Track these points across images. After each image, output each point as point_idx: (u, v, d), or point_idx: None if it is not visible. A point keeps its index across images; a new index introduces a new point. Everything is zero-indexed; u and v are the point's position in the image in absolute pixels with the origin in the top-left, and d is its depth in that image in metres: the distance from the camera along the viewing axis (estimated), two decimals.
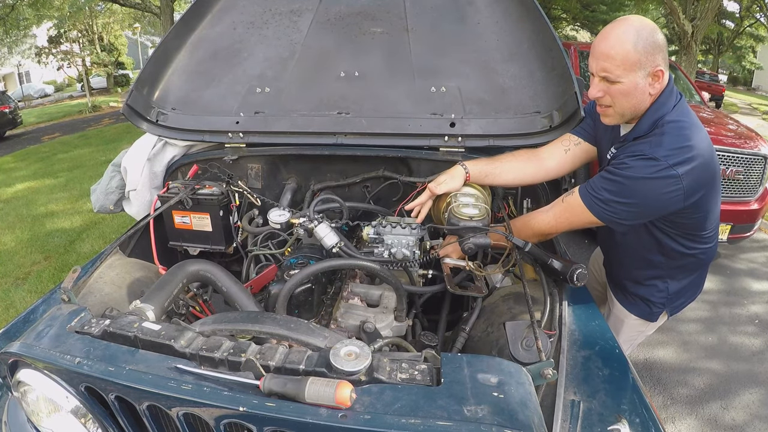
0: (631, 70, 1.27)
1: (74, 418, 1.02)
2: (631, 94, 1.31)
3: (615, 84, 1.30)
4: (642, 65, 1.26)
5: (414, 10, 2.00)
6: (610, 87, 1.31)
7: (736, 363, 3.02)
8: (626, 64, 1.26)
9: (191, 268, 1.42)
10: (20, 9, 15.06)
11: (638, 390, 1.07)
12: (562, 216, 1.44)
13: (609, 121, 1.41)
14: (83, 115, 16.80)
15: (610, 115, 1.39)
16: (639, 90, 1.30)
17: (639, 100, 1.32)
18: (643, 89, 1.30)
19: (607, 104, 1.36)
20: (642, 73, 1.27)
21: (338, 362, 0.89)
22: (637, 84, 1.29)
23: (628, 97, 1.31)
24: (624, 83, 1.29)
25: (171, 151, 2.04)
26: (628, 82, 1.28)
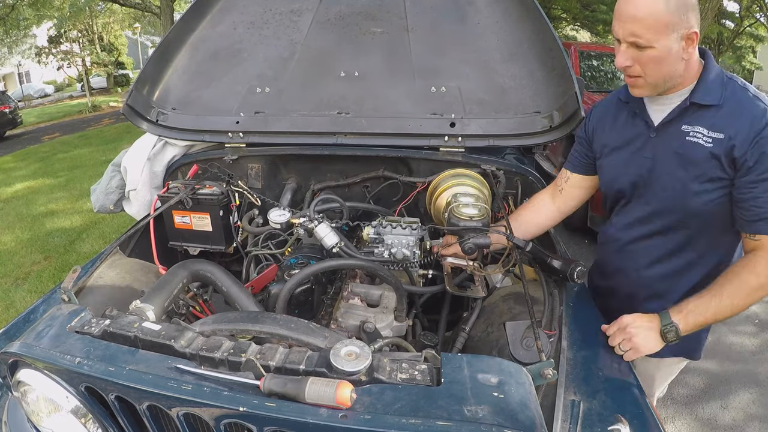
0: (663, 33, 1.11)
1: (74, 418, 1.02)
2: (665, 61, 1.15)
3: (645, 50, 1.14)
4: (675, 27, 1.11)
5: (414, 10, 2.00)
6: (640, 54, 1.16)
7: (736, 363, 3.02)
8: (658, 26, 1.10)
9: (191, 268, 1.42)
10: (20, 9, 15.05)
11: (638, 390, 1.07)
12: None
13: (639, 92, 1.26)
14: (83, 115, 16.80)
15: (640, 86, 1.23)
16: (673, 56, 1.14)
17: (673, 68, 1.17)
18: (677, 55, 1.14)
19: (636, 74, 1.20)
20: (675, 36, 1.12)
21: (338, 362, 0.89)
22: (671, 49, 1.13)
23: (660, 65, 1.16)
24: (656, 48, 1.13)
25: (171, 151, 2.04)
26: (661, 48, 1.12)
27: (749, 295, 1.16)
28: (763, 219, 1.15)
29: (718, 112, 1.19)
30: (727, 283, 1.18)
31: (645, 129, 1.31)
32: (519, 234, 1.45)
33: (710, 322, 1.20)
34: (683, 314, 1.18)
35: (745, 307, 1.18)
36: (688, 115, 1.23)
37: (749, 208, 1.16)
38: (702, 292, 1.20)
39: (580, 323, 1.26)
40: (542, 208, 1.59)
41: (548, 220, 1.60)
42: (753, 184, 1.15)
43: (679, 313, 1.18)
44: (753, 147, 1.13)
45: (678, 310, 1.19)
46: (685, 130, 1.23)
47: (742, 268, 1.18)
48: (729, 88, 1.20)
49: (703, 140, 1.20)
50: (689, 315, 1.17)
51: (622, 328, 1.19)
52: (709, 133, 1.19)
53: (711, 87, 1.20)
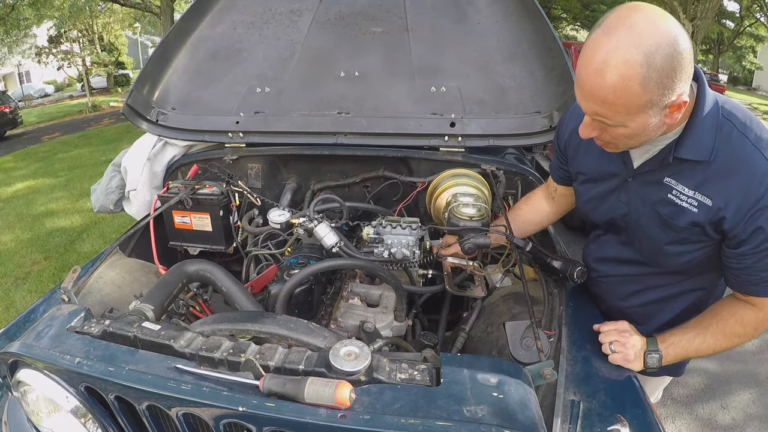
0: (638, 113, 0.90)
1: (74, 418, 1.02)
2: (642, 135, 0.96)
3: (615, 128, 0.95)
4: (655, 103, 0.88)
5: (414, 9, 2.00)
6: (607, 129, 0.97)
7: (736, 363, 3.02)
8: (630, 108, 0.89)
9: (191, 268, 1.42)
10: (20, 9, 15.05)
11: (638, 390, 1.07)
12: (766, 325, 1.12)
13: (613, 150, 1.08)
14: (83, 115, 16.80)
15: (611, 149, 1.07)
16: (651, 129, 0.94)
17: (651, 135, 0.97)
18: (656, 126, 0.94)
19: (606, 141, 1.03)
20: (655, 110, 0.90)
21: (338, 362, 0.89)
22: (648, 124, 0.92)
23: (634, 138, 0.98)
24: (629, 127, 0.93)
25: (171, 151, 2.04)
26: (635, 126, 0.93)
27: (731, 340, 1.13)
28: (754, 284, 1.06)
29: (708, 168, 1.00)
30: (712, 325, 1.13)
31: (622, 168, 1.14)
32: (516, 232, 1.43)
33: (690, 357, 1.17)
34: (666, 345, 1.13)
35: (725, 349, 1.14)
36: (672, 167, 1.05)
37: (739, 275, 1.07)
38: (686, 326, 1.16)
39: (580, 323, 1.26)
40: (539, 209, 1.57)
41: (545, 220, 1.58)
42: (746, 256, 1.02)
43: (662, 342, 1.14)
44: (748, 221, 0.97)
45: (662, 340, 1.14)
46: (666, 184, 1.06)
47: (730, 315, 1.12)
48: (724, 133, 0.98)
49: (687, 203, 1.03)
50: (670, 347, 1.13)
51: (621, 332, 1.16)
52: (695, 194, 1.02)
53: (701, 136, 0.98)
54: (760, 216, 0.96)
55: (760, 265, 1.02)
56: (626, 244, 1.26)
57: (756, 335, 1.13)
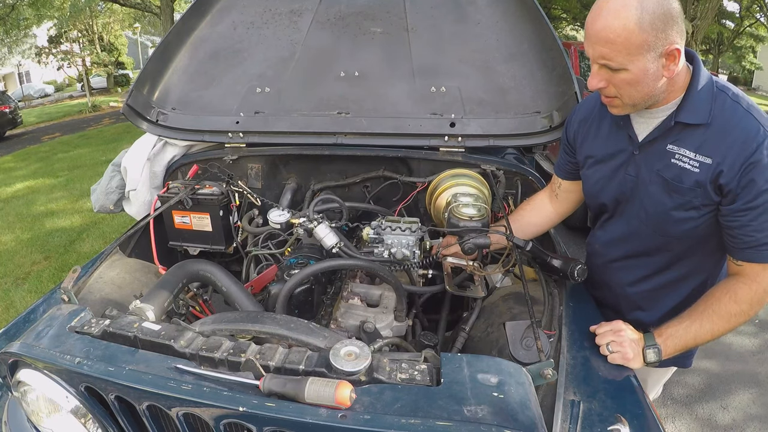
0: (637, 55, 1.01)
1: (74, 418, 1.02)
2: (641, 83, 1.06)
3: (618, 72, 1.06)
4: (651, 46, 1.00)
5: (414, 9, 2.00)
6: (612, 75, 1.07)
7: (736, 363, 3.02)
8: (630, 47, 1.01)
9: (191, 268, 1.42)
10: (20, 9, 15.05)
11: (638, 390, 1.07)
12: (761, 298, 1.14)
13: (617, 111, 1.17)
14: (83, 115, 16.80)
15: (617, 106, 1.15)
16: (650, 76, 1.05)
17: (651, 87, 1.07)
18: (655, 74, 1.05)
19: (611, 95, 1.13)
20: (652, 55, 1.02)
21: (338, 362, 0.89)
22: (647, 69, 1.03)
23: (637, 87, 1.07)
24: (630, 71, 1.04)
25: (171, 151, 2.04)
26: (636, 69, 1.03)
27: (729, 321, 1.13)
28: (751, 247, 1.10)
29: (706, 131, 1.10)
30: (707, 309, 1.15)
31: (628, 143, 1.23)
32: (519, 235, 1.44)
33: (691, 346, 1.18)
34: (663, 338, 1.15)
35: (725, 332, 1.15)
36: (674, 134, 1.14)
37: (736, 235, 1.11)
38: (682, 316, 1.17)
39: (580, 323, 1.26)
40: (541, 210, 1.57)
41: (548, 222, 1.59)
42: (741, 212, 1.08)
43: (659, 336, 1.15)
44: (742, 173, 1.06)
45: (659, 334, 1.16)
46: (670, 150, 1.15)
47: (723, 293, 1.14)
48: (719, 101, 1.09)
49: (689, 164, 1.12)
50: (668, 340, 1.15)
51: (616, 331, 1.16)
52: (696, 156, 1.11)
53: (698, 103, 1.10)
54: (752, 169, 1.04)
55: (755, 224, 1.07)
56: (633, 219, 1.28)
57: (752, 313, 1.13)
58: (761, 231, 1.07)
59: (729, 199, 1.09)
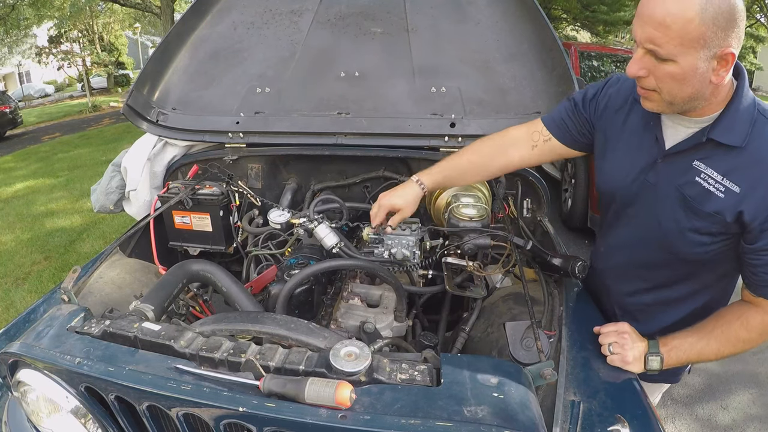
0: (690, 48, 0.91)
1: (74, 418, 1.02)
2: (687, 81, 0.95)
3: (665, 63, 0.94)
4: (707, 43, 0.90)
5: (414, 10, 2.00)
6: (657, 66, 0.96)
7: (736, 363, 3.02)
8: (685, 38, 0.90)
9: (191, 268, 1.42)
10: (20, 9, 15.05)
11: (638, 391, 1.07)
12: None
13: (650, 107, 1.07)
14: (83, 115, 16.79)
15: (653, 100, 1.04)
16: (698, 76, 0.94)
17: (696, 90, 0.97)
18: (704, 75, 0.94)
19: (650, 87, 1.01)
20: (706, 53, 0.91)
21: (338, 363, 0.89)
22: (697, 68, 0.93)
23: (681, 84, 0.96)
24: (679, 64, 0.93)
25: (171, 151, 2.04)
26: (685, 64, 0.93)
27: (735, 346, 1.10)
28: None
29: (739, 155, 1.01)
30: (716, 329, 1.11)
31: (654, 147, 1.14)
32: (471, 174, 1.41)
33: (693, 362, 1.16)
34: (668, 348, 1.12)
35: (729, 355, 1.12)
36: (704, 151, 1.05)
37: (758, 273, 1.05)
38: (690, 330, 1.14)
39: (580, 323, 1.26)
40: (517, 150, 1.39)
41: (511, 166, 1.43)
42: (765, 251, 1.01)
43: (664, 346, 1.13)
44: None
45: (664, 343, 1.13)
46: (696, 167, 1.06)
47: (735, 319, 1.11)
48: (758, 126, 1.00)
49: (714, 187, 1.03)
50: (672, 351, 1.12)
51: (620, 333, 1.15)
52: (723, 180, 1.02)
53: (736, 123, 1.00)
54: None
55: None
56: (642, 228, 1.22)
57: (760, 341, 1.11)
58: None
59: (752, 237, 1.02)
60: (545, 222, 1.81)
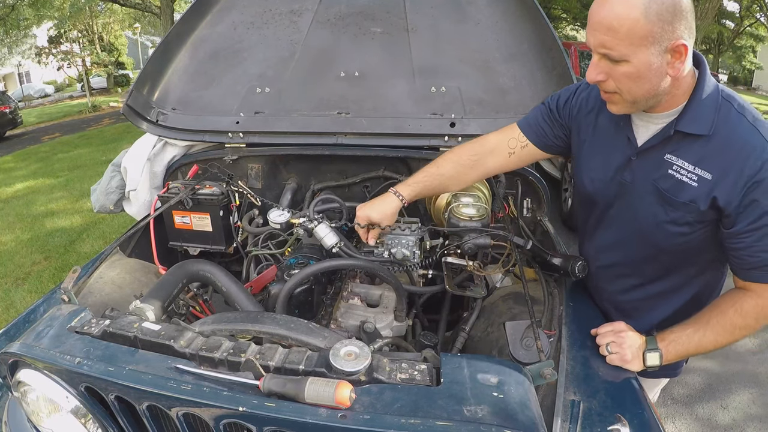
0: (640, 46, 0.95)
1: (74, 418, 1.02)
2: (643, 78, 0.99)
3: (619, 64, 0.98)
4: (656, 39, 0.94)
5: (414, 10, 2.00)
6: (613, 68, 1.00)
7: (736, 363, 3.02)
8: (633, 37, 0.94)
9: (191, 268, 1.42)
10: (20, 9, 15.05)
11: (638, 390, 1.07)
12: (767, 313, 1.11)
13: (617, 109, 1.10)
14: (83, 115, 16.79)
15: (616, 102, 1.08)
16: (653, 72, 0.98)
17: (654, 84, 1.00)
18: (659, 70, 0.98)
19: (610, 90, 1.05)
20: (657, 48, 0.95)
21: (338, 362, 0.89)
22: (651, 64, 0.96)
23: (638, 82, 1.00)
24: (632, 63, 0.97)
25: (171, 151, 2.04)
26: (638, 62, 0.96)
27: (733, 333, 1.11)
28: (756, 268, 1.06)
29: (708, 143, 1.03)
30: (712, 319, 1.12)
31: (627, 147, 1.17)
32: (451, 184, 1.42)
33: (691, 354, 1.16)
34: (665, 343, 1.13)
35: (728, 343, 1.12)
36: (673, 143, 1.08)
37: (740, 257, 1.07)
38: (686, 323, 1.15)
39: (580, 323, 1.26)
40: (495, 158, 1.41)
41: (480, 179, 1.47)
42: (744, 234, 1.03)
43: (662, 341, 1.13)
44: (744, 193, 1.00)
45: (662, 338, 1.14)
46: (668, 160, 1.09)
47: (729, 306, 1.11)
48: (723, 112, 1.03)
49: (687, 177, 1.06)
50: (671, 345, 1.12)
51: (617, 332, 1.15)
52: (695, 169, 1.05)
53: (701, 112, 1.03)
54: (756, 189, 0.99)
55: (761, 245, 1.03)
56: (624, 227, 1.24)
57: (757, 327, 1.11)
58: (767, 251, 1.03)
59: (729, 221, 1.04)
60: (545, 222, 1.81)
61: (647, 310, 1.32)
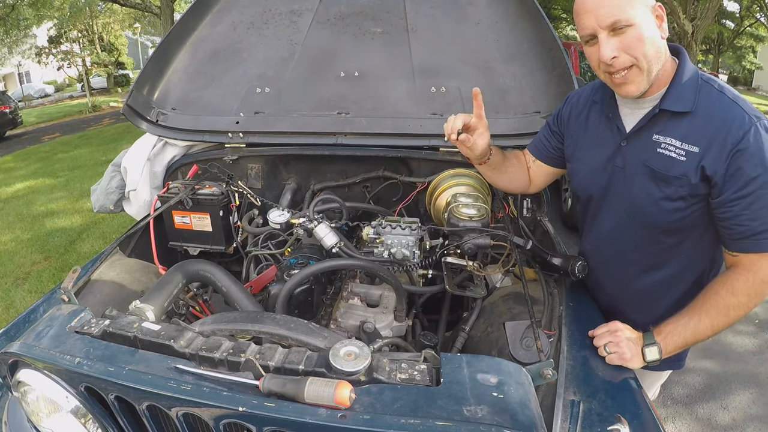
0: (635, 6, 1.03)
1: (74, 418, 1.02)
2: (648, 38, 1.05)
3: (626, 30, 1.04)
4: None
5: (414, 10, 2.00)
6: (623, 38, 1.05)
7: (736, 363, 3.02)
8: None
9: (191, 268, 1.42)
10: (20, 9, 15.06)
11: (638, 390, 1.07)
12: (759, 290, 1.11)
13: (633, 89, 1.11)
14: (83, 115, 16.79)
15: (634, 79, 1.09)
16: (653, 31, 1.06)
17: (657, 45, 1.07)
18: (654, 30, 1.06)
19: (626, 65, 1.08)
20: (645, 9, 1.05)
21: (338, 362, 0.89)
22: (648, 22, 1.05)
23: (647, 43, 1.05)
24: (636, 24, 1.03)
25: (171, 151, 2.04)
26: (640, 21, 1.04)
27: (728, 315, 1.11)
28: (746, 237, 1.07)
29: (692, 119, 1.10)
30: (705, 303, 1.13)
31: (617, 135, 1.22)
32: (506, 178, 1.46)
33: (690, 343, 1.15)
34: (662, 336, 1.13)
35: (725, 326, 1.12)
36: (660, 124, 1.14)
37: (729, 227, 1.09)
38: (680, 313, 1.15)
39: (580, 323, 1.26)
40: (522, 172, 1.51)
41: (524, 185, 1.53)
42: (731, 202, 1.06)
43: (659, 335, 1.14)
44: (729, 162, 1.04)
45: (658, 332, 1.14)
46: (656, 140, 1.14)
47: (720, 286, 1.13)
48: (704, 91, 1.10)
49: (675, 153, 1.11)
50: (668, 337, 1.13)
51: (613, 332, 1.16)
52: (682, 144, 1.10)
53: (683, 91, 1.10)
54: (740, 157, 1.04)
55: (748, 213, 1.05)
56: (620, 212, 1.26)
57: (751, 305, 1.11)
58: (755, 219, 1.05)
59: (717, 191, 1.08)
60: (545, 222, 1.81)
61: (652, 301, 1.32)
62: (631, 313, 1.28)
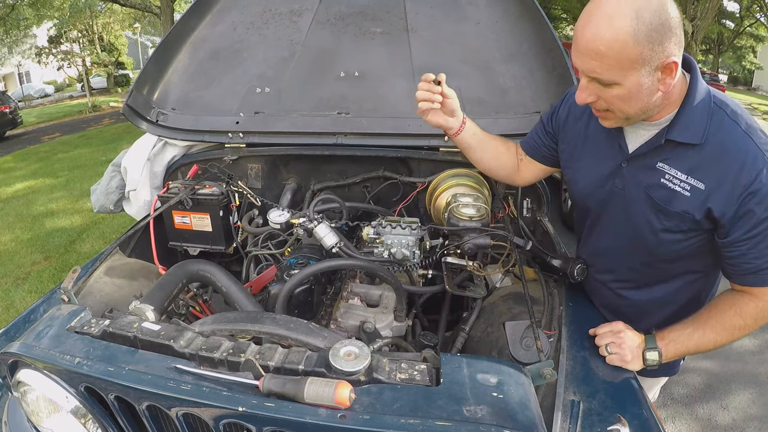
0: (630, 69, 0.92)
1: (74, 418, 1.02)
2: (635, 98, 0.97)
3: (610, 87, 0.97)
4: (646, 60, 0.91)
5: (414, 10, 2.00)
6: (603, 90, 0.99)
7: (736, 363, 3.02)
8: (623, 62, 0.91)
9: (191, 268, 1.42)
10: (20, 9, 15.06)
11: (638, 390, 1.07)
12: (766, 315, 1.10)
13: (610, 124, 1.09)
14: (83, 115, 16.79)
15: (609, 119, 1.07)
16: (644, 91, 0.96)
17: (646, 102, 0.99)
18: (650, 89, 0.96)
19: (602, 108, 1.04)
20: (647, 69, 0.93)
21: (337, 362, 0.89)
22: (641, 85, 0.95)
23: (630, 102, 0.98)
24: (623, 86, 0.95)
25: (171, 151, 2.04)
26: (629, 85, 0.95)
27: (732, 333, 1.11)
28: (751, 273, 1.05)
29: (700, 152, 1.02)
30: (711, 319, 1.12)
31: (618, 153, 1.15)
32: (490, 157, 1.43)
33: (690, 353, 1.15)
34: (665, 342, 1.12)
35: (726, 343, 1.12)
36: (665, 152, 1.07)
37: (735, 264, 1.07)
38: (685, 322, 1.14)
39: (580, 323, 1.26)
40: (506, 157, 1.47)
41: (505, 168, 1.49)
42: (739, 242, 1.02)
43: (661, 340, 1.13)
44: (740, 204, 0.99)
45: (661, 337, 1.13)
46: (660, 169, 1.07)
47: (729, 307, 1.11)
48: (716, 119, 1.01)
49: (680, 187, 1.05)
50: (670, 344, 1.12)
51: (616, 333, 1.15)
52: (688, 178, 1.03)
53: (693, 120, 1.01)
54: (751, 199, 0.98)
55: (755, 252, 1.02)
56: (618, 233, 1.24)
57: (756, 327, 1.11)
58: (761, 257, 1.03)
59: (723, 232, 1.04)
60: (545, 222, 1.81)
61: (643, 315, 1.31)
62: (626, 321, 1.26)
